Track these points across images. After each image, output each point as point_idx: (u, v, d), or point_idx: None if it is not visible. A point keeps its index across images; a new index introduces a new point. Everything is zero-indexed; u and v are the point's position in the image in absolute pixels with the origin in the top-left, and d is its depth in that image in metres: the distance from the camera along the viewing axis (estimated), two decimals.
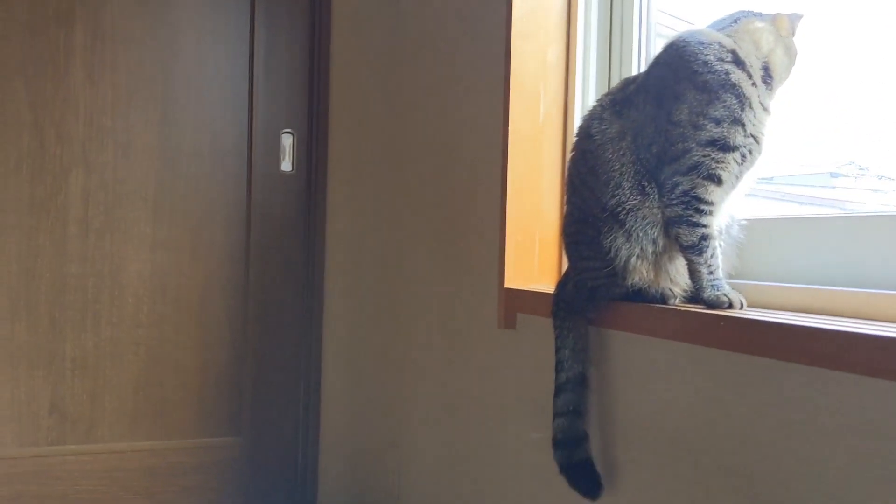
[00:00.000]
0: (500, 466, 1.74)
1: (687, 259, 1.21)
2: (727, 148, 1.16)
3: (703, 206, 1.18)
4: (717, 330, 1.09)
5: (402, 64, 2.34)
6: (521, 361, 1.66)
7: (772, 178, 1.56)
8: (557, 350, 1.33)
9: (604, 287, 1.27)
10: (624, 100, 1.25)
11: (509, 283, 1.66)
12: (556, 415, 1.28)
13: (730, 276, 1.25)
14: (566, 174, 1.34)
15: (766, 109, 1.18)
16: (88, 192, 2.37)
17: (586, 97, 1.66)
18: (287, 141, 2.55)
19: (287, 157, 2.56)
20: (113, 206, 2.39)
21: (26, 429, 2.33)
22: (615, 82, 1.55)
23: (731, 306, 1.16)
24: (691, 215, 1.18)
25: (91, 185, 2.37)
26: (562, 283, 1.38)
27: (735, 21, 1.21)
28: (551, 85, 1.66)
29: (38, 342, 2.34)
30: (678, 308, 1.19)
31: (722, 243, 1.24)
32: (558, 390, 1.29)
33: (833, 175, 1.51)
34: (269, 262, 2.56)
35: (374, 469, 2.48)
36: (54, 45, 2.33)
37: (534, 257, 1.67)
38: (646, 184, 1.21)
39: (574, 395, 1.28)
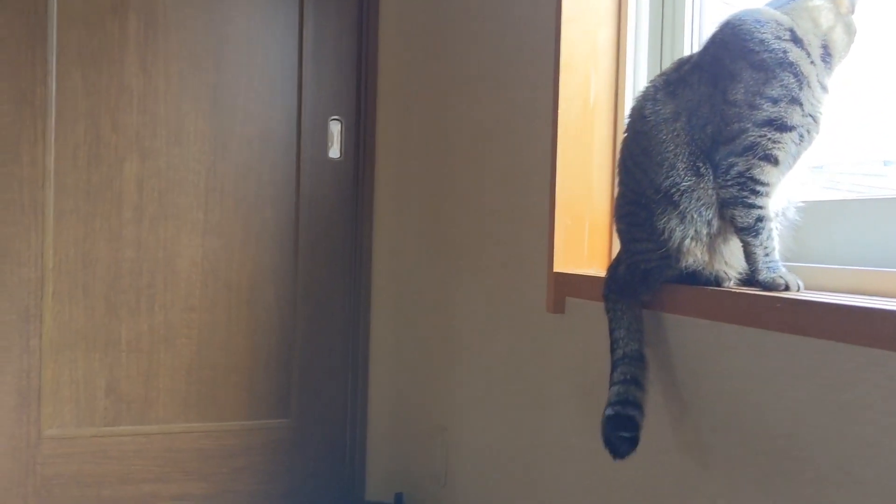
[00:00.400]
0: (548, 450, 1.74)
1: (742, 241, 1.19)
2: (784, 128, 1.15)
3: (758, 188, 1.17)
4: (773, 312, 1.08)
5: (449, 49, 2.35)
6: (570, 346, 1.67)
7: (822, 167, 1.53)
8: (612, 331, 1.32)
9: (657, 269, 1.27)
10: (678, 80, 1.24)
11: (558, 267, 1.66)
12: (612, 384, 1.28)
13: (786, 259, 1.23)
14: (618, 156, 1.33)
15: (824, 88, 1.16)
16: (142, 178, 2.42)
17: (637, 79, 1.65)
18: (335, 128, 2.58)
19: (335, 144, 2.58)
20: (166, 192, 2.44)
21: (84, 409, 2.40)
22: (667, 64, 1.54)
23: (787, 288, 1.14)
24: (747, 196, 1.17)
25: (145, 172, 2.43)
26: (613, 266, 1.38)
27: None
28: (602, 67, 1.66)
29: (95, 325, 2.40)
30: (733, 290, 1.18)
31: (778, 225, 1.22)
32: (615, 365, 1.29)
33: (886, 163, 1.47)
34: (317, 248, 2.59)
35: (421, 452, 2.51)
36: (109, 36, 2.38)
37: (583, 241, 1.67)
38: (700, 165, 1.20)
39: (631, 367, 1.28)
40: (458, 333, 2.25)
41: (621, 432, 1.24)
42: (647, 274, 1.28)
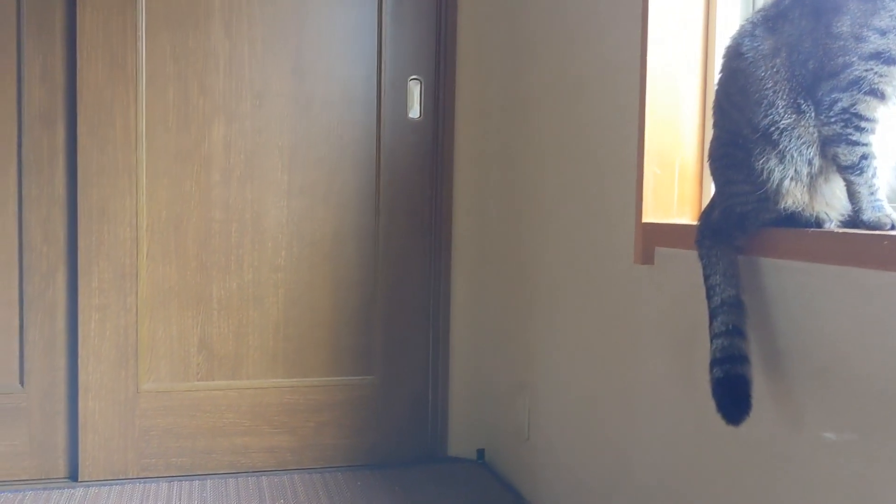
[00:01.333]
0: (635, 403, 1.74)
1: (846, 180, 1.16)
2: (892, 61, 1.11)
3: (863, 124, 1.13)
4: (879, 250, 1.05)
5: (529, 4, 2.33)
6: (659, 296, 1.65)
7: None
8: (707, 277, 1.31)
9: (754, 212, 1.24)
10: (777, 15, 1.21)
11: (647, 217, 1.64)
12: (714, 337, 1.26)
13: (890, 201, 1.19)
14: (714, 97, 1.30)
15: None
16: (229, 141, 2.49)
17: (729, 22, 1.60)
18: (415, 88, 2.59)
19: (414, 104, 2.59)
20: (251, 154, 2.50)
21: (178, 365, 2.50)
22: (760, 5, 1.49)
23: (893, 228, 1.11)
24: (851, 133, 1.13)
25: (231, 135, 2.49)
26: (707, 211, 1.35)
27: None
28: (692, 10, 1.62)
29: (188, 284, 2.49)
30: (836, 231, 1.15)
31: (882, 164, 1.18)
32: (713, 314, 1.27)
33: None
34: (397, 207, 2.62)
35: (503, 408, 2.53)
36: (194, 1, 2.44)
37: (673, 190, 1.64)
38: (801, 101, 1.16)
39: (731, 315, 1.26)
40: (541, 289, 2.25)
41: (734, 395, 1.23)
42: (743, 217, 1.26)
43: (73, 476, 2.44)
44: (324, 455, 2.61)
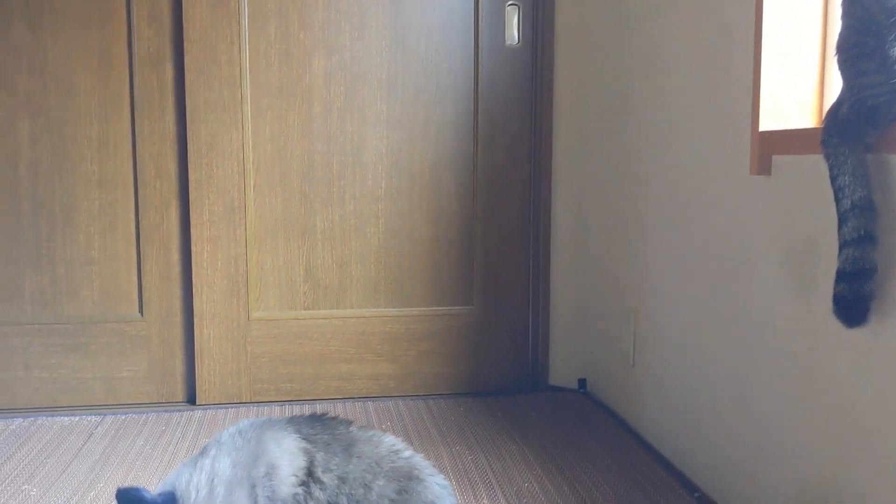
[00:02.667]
0: (750, 322, 1.70)
1: None
2: None
3: None
4: None
5: None
6: (776, 208, 1.60)
7: None
8: (834, 179, 1.26)
9: (886, 104, 1.18)
10: None
11: (764, 124, 1.59)
12: (843, 245, 1.22)
13: None
14: None
15: None
16: (329, 73, 2.52)
17: None
18: (513, 14, 2.55)
19: (513, 31, 2.56)
20: (351, 86, 2.53)
21: (285, 294, 2.58)
22: None
23: None
24: None
25: (331, 68, 2.52)
26: (834, 108, 1.30)
27: None
28: None
29: (293, 215, 2.55)
30: None
31: None
32: (843, 219, 1.23)
33: None
34: (495, 136, 2.61)
35: (606, 337, 2.52)
36: None
37: (791, 95, 1.58)
38: None
39: (862, 220, 1.21)
40: (648, 211, 2.22)
41: (853, 312, 1.21)
42: (874, 111, 1.20)
43: (191, 400, 2.57)
44: (425, 383, 2.67)
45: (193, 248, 2.51)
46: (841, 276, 1.24)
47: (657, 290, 2.16)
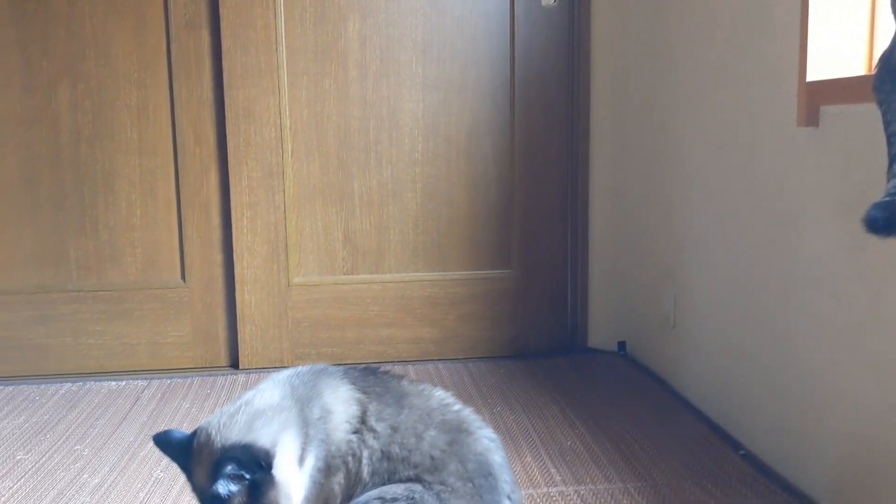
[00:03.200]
0: (796, 278, 1.68)
1: None
2: None
3: None
4: None
5: None
6: (824, 160, 1.57)
7: None
8: (888, 125, 1.22)
9: None
10: None
11: (812, 74, 1.55)
12: (892, 176, 1.19)
13: None
14: None
15: None
16: (364, 36, 2.51)
17: None
18: None
19: None
20: (386, 49, 2.52)
21: (325, 259, 2.60)
22: None
23: None
24: None
25: (366, 30, 2.50)
26: (887, 53, 1.26)
27: None
28: None
29: (330, 181, 2.56)
30: None
31: None
32: (893, 159, 1.20)
33: None
34: (532, 99, 2.58)
35: (646, 299, 2.50)
36: None
37: (840, 43, 1.54)
38: None
39: None
40: (689, 170, 2.19)
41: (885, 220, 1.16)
42: None
43: (235, 364, 2.61)
44: (465, 346, 2.67)
45: (233, 214, 2.53)
46: (876, 204, 1.20)
47: (698, 250, 2.14)
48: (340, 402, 1.25)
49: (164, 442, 1.25)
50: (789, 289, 1.70)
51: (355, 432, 1.22)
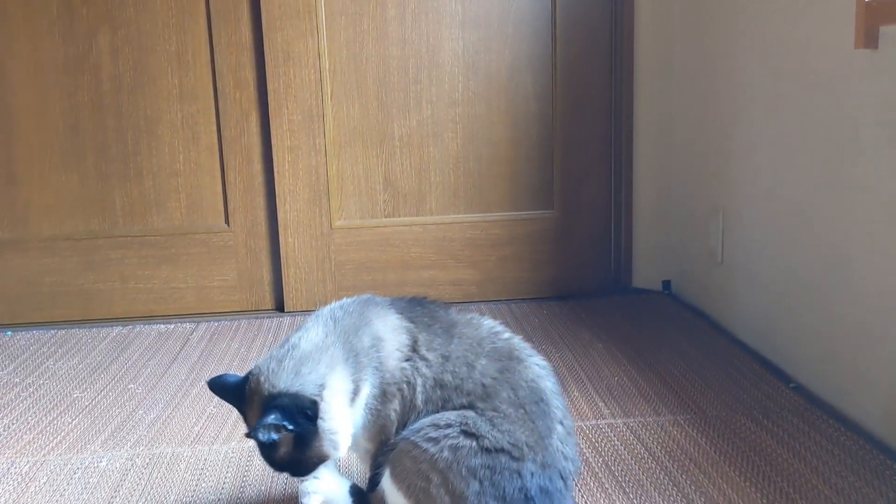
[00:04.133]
0: (853, 204, 1.64)
1: None
2: None
3: None
4: None
5: None
6: (884, 83, 1.51)
7: None
8: None
9: None
10: None
11: None
12: None
13: None
14: None
15: None
16: None
17: None
18: None
19: None
20: None
21: (366, 202, 2.59)
22: None
23: None
24: None
25: None
26: None
27: None
28: None
29: (370, 122, 2.54)
30: None
31: None
32: None
33: None
34: (574, 32, 2.53)
35: (694, 235, 2.47)
36: None
37: None
38: None
39: None
40: (739, 95, 2.13)
41: None
42: None
43: (280, 307, 2.63)
44: (506, 288, 2.67)
45: (275, 158, 2.53)
46: None
47: (749, 182, 2.09)
48: (390, 331, 1.25)
49: (218, 386, 1.27)
50: (846, 217, 1.66)
51: (407, 360, 1.22)
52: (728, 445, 1.57)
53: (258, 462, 1.58)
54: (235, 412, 1.80)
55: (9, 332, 2.48)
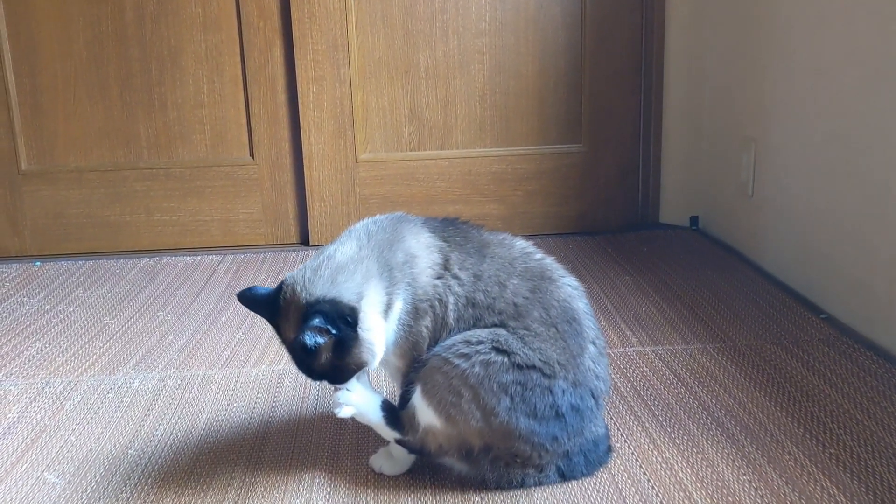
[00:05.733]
0: (892, 136, 1.59)
1: None
2: None
3: None
4: None
5: None
6: None
7: None
8: None
9: None
10: None
11: None
12: None
13: None
14: None
15: None
16: None
17: None
18: None
19: None
20: None
21: (391, 135, 2.57)
22: None
23: None
24: None
25: None
26: None
27: None
28: None
29: (395, 53, 2.50)
30: None
31: None
32: None
33: None
34: None
35: (723, 168, 2.43)
36: None
37: None
38: None
39: None
40: (775, 20, 2.07)
41: None
42: None
43: (305, 241, 2.63)
44: (532, 223, 2.65)
45: (299, 89, 2.50)
46: None
47: (784, 112, 2.04)
48: (423, 248, 1.24)
49: (249, 298, 1.26)
50: (885, 148, 1.62)
51: (439, 278, 1.22)
52: (758, 373, 1.56)
53: (289, 384, 1.60)
54: (265, 337, 1.83)
55: (38, 263, 2.50)
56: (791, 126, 2.01)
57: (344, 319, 1.14)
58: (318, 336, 1.14)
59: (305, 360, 1.18)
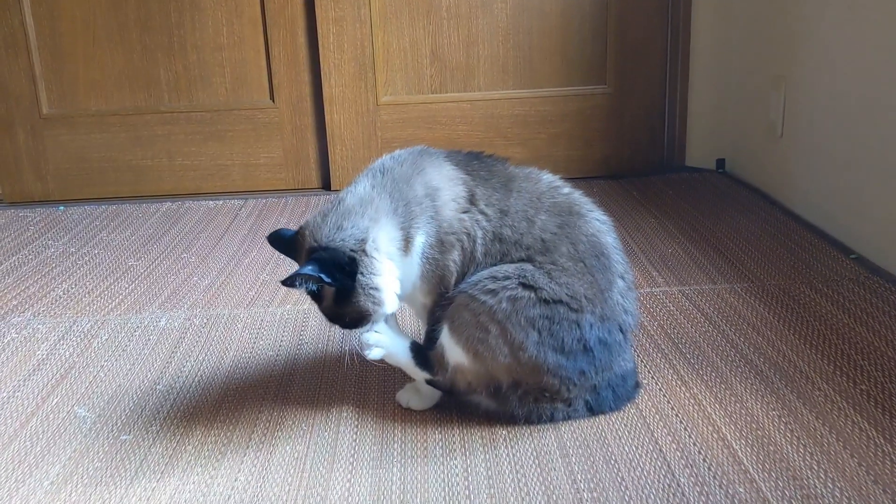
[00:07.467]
0: None
1: None
2: None
3: None
4: None
5: None
6: None
7: None
8: None
9: None
10: None
11: None
12: None
13: None
14: None
15: None
16: None
17: None
18: None
19: None
20: None
21: (412, 77, 2.53)
22: None
23: None
24: None
25: None
26: None
27: None
28: None
29: None
30: None
31: None
32: None
33: None
34: None
35: (752, 109, 2.38)
36: None
37: None
38: None
39: None
40: None
41: None
42: None
43: (326, 185, 2.62)
44: (556, 167, 2.51)
45: (319, 31, 2.46)
46: None
47: (817, 48, 1.99)
48: (446, 180, 1.22)
49: (276, 239, 1.27)
50: None
51: (465, 212, 1.20)
52: (787, 312, 1.54)
53: (314, 323, 1.60)
54: None
55: (62, 207, 2.51)
56: (823, 62, 1.96)
57: (341, 268, 1.14)
58: (310, 283, 1.14)
59: (316, 303, 1.19)
